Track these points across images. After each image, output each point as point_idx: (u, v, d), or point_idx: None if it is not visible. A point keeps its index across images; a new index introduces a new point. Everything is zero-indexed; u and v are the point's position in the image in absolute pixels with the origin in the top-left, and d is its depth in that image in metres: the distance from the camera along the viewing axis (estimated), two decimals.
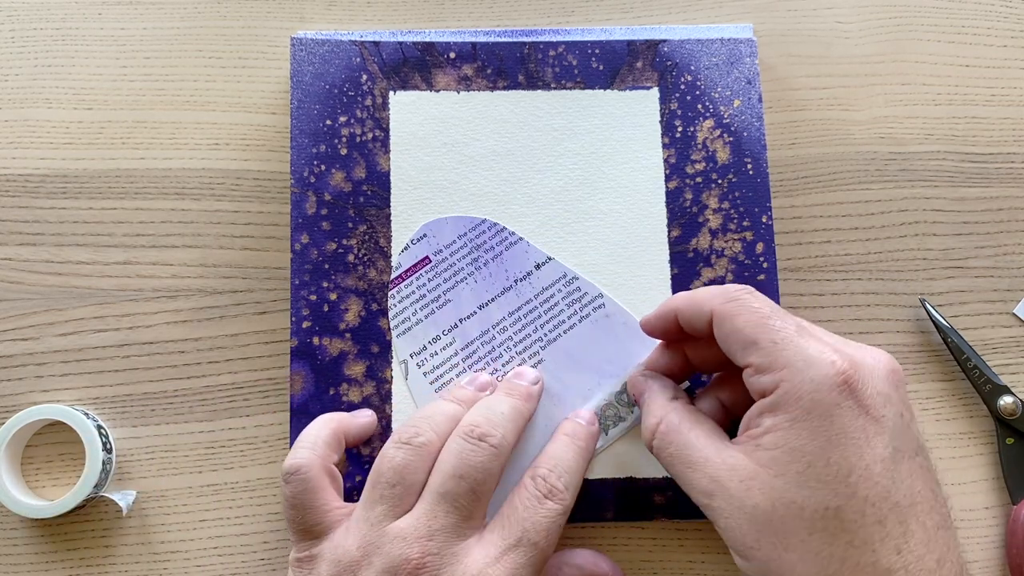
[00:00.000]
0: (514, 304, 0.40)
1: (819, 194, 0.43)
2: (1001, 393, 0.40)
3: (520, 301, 0.40)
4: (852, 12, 0.45)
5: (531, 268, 0.40)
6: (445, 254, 0.40)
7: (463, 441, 0.33)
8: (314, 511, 0.33)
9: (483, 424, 0.33)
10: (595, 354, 0.39)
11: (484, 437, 0.33)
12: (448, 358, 0.39)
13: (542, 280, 0.40)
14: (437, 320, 0.39)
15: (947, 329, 0.41)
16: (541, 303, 0.40)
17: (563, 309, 0.39)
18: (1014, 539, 0.39)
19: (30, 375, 0.40)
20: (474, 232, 0.40)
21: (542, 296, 0.40)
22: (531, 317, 0.39)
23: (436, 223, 0.40)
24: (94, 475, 0.38)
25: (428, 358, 0.39)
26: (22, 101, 0.43)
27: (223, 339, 0.41)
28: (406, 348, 0.39)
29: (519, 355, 0.39)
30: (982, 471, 0.41)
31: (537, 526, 0.32)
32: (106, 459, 0.38)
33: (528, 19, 0.45)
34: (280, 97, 0.43)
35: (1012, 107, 0.44)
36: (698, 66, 0.42)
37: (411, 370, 0.39)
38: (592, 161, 0.41)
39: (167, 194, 0.42)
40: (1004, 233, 0.43)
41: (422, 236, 0.40)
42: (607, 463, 0.38)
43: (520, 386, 0.37)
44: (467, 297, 0.40)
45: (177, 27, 0.44)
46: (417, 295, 0.39)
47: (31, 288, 0.41)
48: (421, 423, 0.34)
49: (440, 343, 0.39)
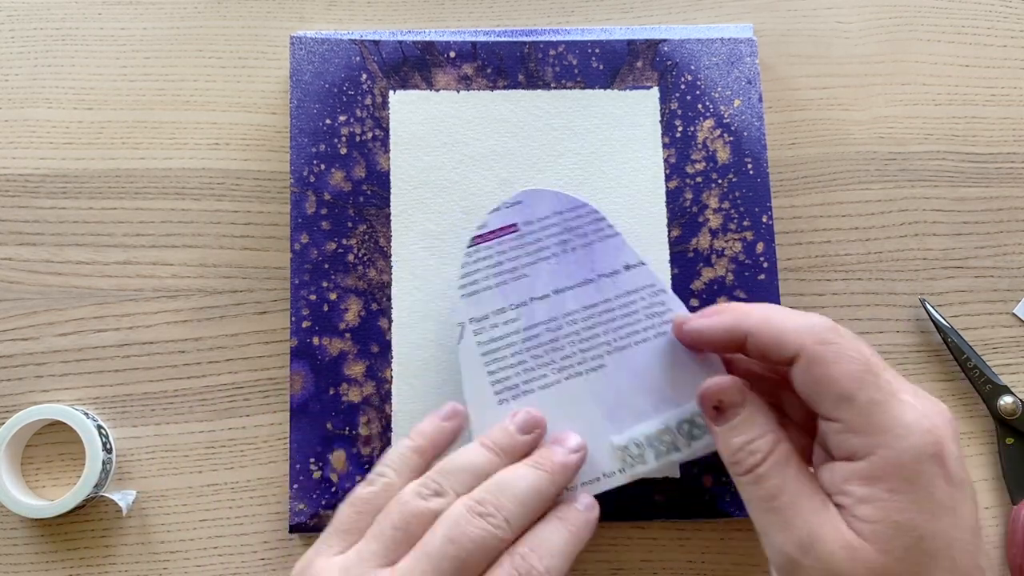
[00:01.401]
0: (592, 299, 0.37)
1: (819, 194, 0.43)
2: (1001, 393, 0.40)
3: (599, 298, 0.37)
4: (852, 12, 0.45)
5: (620, 267, 0.37)
6: (536, 226, 0.38)
7: (467, 515, 0.30)
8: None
9: (487, 499, 0.30)
10: (661, 375, 0.36)
11: (486, 516, 0.30)
12: (507, 334, 0.37)
13: (628, 283, 0.37)
14: (507, 292, 0.37)
15: (947, 329, 0.41)
16: (620, 306, 0.37)
17: (641, 319, 0.37)
18: (1014, 539, 0.39)
19: (30, 375, 0.40)
20: (572, 213, 0.38)
21: (623, 299, 0.37)
22: (605, 317, 0.37)
23: (535, 193, 0.38)
24: (94, 475, 0.38)
25: (487, 328, 0.37)
26: (22, 101, 0.43)
27: (223, 339, 0.41)
28: (467, 311, 0.37)
29: (581, 353, 0.37)
30: (982, 471, 0.41)
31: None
32: (106, 459, 0.38)
33: (528, 19, 0.45)
34: (280, 97, 0.43)
35: (1012, 107, 0.44)
36: (698, 66, 0.42)
37: (466, 335, 0.37)
38: (592, 161, 0.41)
39: (167, 194, 0.42)
40: (1004, 233, 0.43)
41: (517, 202, 0.38)
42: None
43: (552, 459, 0.33)
44: (545, 277, 0.37)
45: (177, 27, 0.44)
46: (495, 260, 0.37)
47: (31, 288, 0.41)
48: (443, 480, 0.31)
49: (504, 316, 0.37)
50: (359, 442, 0.39)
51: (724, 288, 0.40)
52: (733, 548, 0.40)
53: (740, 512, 0.39)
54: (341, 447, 0.38)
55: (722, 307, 0.34)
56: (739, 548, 0.40)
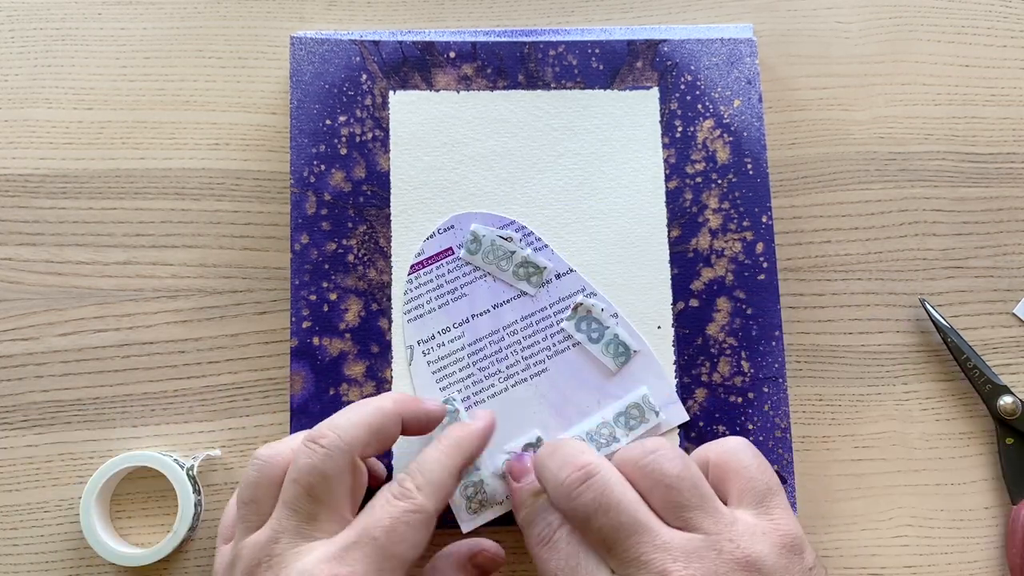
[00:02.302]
0: (528, 309, 0.39)
1: (819, 194, 0.43)
2: (1001, 393, 0.40)
3: (535, 307, 0.40)
4: (852, 12, 0.45)
5: (551, 276, 0.40)
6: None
7: (300, 446, 0.32)
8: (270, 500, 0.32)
9: (322, 427, 0.32)
10: (599, 372, 0.39)
11: (316, 439, 0.31)
12: (454, 351, 0.39)
13: (560, 290, 0.40)
14: (450, 312, 0.39)
15: (947, 329, 0.41)
16: (555, 313, 0.40)
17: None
18: (1014, 539, 0.39)
19: (30, 375, 0.40)
20: (501, 231, 0.40)
21: (558, 306, 0.40)
22: (543, 325, 0.39)
23: (465, 216, 0.40)
24: (187, 519, 0.38)
25: (435, 348, 0.39)
26: (22, 101, 0.43)
27: (223, 339, 0.41)
28: (415, 334, 0.39)
29: (524, 360, 0.39)
30: (982, 471, 0.41)
31: (379, 522, 0.30)
32: (197, 501, 0.38)
33: (528, 19, 0.45)
34: (280, 97, 0.43)
35: (1012, 107, 0.44)
36: (698, 66, 0.42)
37: (416, 357, 0.39)
38: (592, 161, 0.41)
39: (167, 194, 0.42)
40: (1004, 233, 0.43)
41: (449, 227, 0.40)
42: None
43: (397, 394, 0.35)
44: (483, 294, 0.39)
45: (177, 27, 0.44)
46: (434, 284, 0.39)
47: (31, 288, 0.41)
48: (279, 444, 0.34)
49: (449, 335, 0.39)
50: None
51: (724, 288, 0.40)
52: None
53: None
54: None
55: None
56: None
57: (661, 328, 0.40)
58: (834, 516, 0.40)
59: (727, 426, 0.39)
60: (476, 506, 0.38)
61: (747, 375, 0.39)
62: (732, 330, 0.40)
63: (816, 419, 0.41)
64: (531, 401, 0.39)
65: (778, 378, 0.39)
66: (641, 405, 0.39)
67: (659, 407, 0.39)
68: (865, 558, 0.40)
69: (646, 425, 0.38)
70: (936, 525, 0.40)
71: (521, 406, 0.39)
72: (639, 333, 0.39)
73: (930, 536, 0.40)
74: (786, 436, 0.39)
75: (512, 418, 0.39)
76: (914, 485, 0.41)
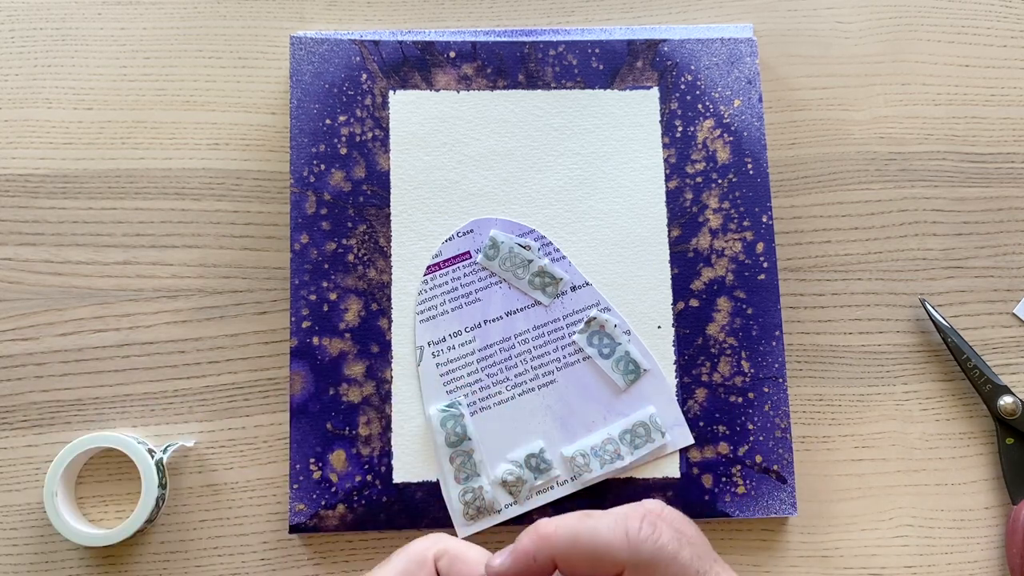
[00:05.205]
0: (541, 319, 0.39)
1: (819, 194, 0.43)
2: (1001, 393, 0.40)
3: (548, 318, 0.40)
4: (852, 12, 0.45)
5: (567, 288, 0.40)
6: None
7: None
8: None
9: None
10: (608, 389, 0.39)
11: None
12: (464, 355, 0.39)
13: (575, 303, 0.40)
14: (463, 315, 0.39)
15: (947, 329, 0.41)
16: (568, 325, 0.40)
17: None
18: (1014, 539, 0.39)
19: (30, 375, 0.40)
20: (520, 239, 0.40)
21: (571, 318, 0.40)
22: (555, 336, 0.39)
23: (486, 222, 0.40)
24: (146, 510, 0.38)
25: (444, 350, 0.39)
26: (22, 101, 0.43)
27: (223, 339, 0.41)
28: (426, 335, 0.39)
29: (533, 370, 0.39)
30: (982, 471, 0.41)
31: None
32: (160, 495, 0.38)
33: (528, 19, 0.45)
34: (280, 97, 0.43)
35: (1012, 107, 0.44)
36: (698, 66, 0.42)
37: (425, 358, 0.39)
38: (592, 161, 0.41)
39: (167, 194, 0.42)
40: (1004, 233, 0.43)
41: (469, 230, 0.40)
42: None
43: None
44: (497, 301, 0.40)
45: (177, 27, 0.44)
46: (450, 286, 0.40)
47: (31, 288, 0.41)
48: None
49: (460, 338, 0.39)
50: (359, 442, 0.39)
51: (724, 288, 0.40)
52: (733, 548, 0.40)
53: (740, 512, 0.39)
54: (341, 447, 0.38)
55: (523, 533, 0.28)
56: (739, 548, 0.40)
57: (661, 328, 0.40)
58: (834, 516, 0.40)
59: (727, 426, 0.39)
60: (474, 512, 0.38)
61: (747, 375, 0.39)
62: (732, 330, 0.40)
63: (816, 419, 0.41)
64: (537, 411, 0.39)
65: (778, 378, 0.40)
66: (648, 424, 0.38)
67: (665, 428, 0.39)
68: (865, 558, 0.40)
69: (651, 445, 0.38)
70: (936, 525, 0.40)
71: (527, 415, 0.39)
72: (651, 352, 0.39)
73: (930, 536, 0.40)
74: (786, 436, 0.39)
75: (517, 427, 0.39)
76: (914, 485, 0.41)
